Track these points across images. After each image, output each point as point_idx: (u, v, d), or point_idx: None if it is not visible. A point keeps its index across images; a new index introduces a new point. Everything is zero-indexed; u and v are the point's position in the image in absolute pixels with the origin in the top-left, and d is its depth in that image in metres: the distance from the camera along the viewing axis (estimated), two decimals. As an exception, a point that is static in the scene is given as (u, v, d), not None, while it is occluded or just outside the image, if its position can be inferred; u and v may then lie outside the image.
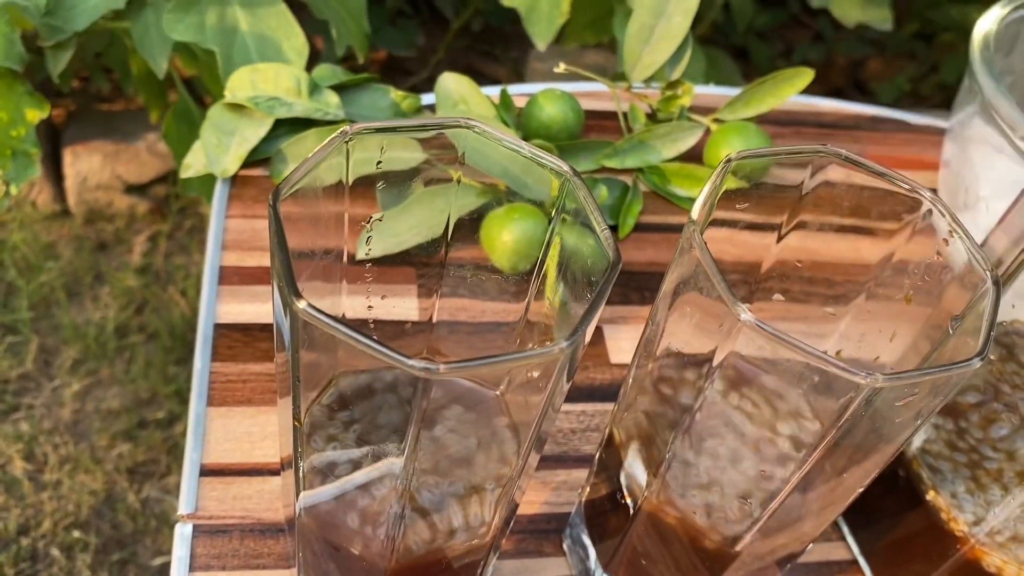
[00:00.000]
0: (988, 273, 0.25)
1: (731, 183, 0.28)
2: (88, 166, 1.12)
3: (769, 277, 0.31)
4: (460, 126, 0.26)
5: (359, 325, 0.31)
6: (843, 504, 0.29)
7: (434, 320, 0.32)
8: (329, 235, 0.27)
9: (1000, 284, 0.25)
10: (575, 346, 0.21)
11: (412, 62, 1.36)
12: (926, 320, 0.28)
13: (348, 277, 0.29)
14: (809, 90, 0.54)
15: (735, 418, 0.30)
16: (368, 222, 0.27)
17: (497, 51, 1.43)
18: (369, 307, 0.30)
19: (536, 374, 0.23)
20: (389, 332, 0.32)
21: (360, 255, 0.29)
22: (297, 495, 0.27)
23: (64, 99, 1.18)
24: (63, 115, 1.16)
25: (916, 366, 0.29)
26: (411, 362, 0.20)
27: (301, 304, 0.20)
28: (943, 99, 1.48)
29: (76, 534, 0.85)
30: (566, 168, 0.25)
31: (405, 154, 0.28)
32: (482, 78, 1.44)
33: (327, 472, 0.26)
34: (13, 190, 0.55)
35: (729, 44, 1.43)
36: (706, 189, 0.25)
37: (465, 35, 1.42)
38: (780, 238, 0.30)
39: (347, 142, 0.24)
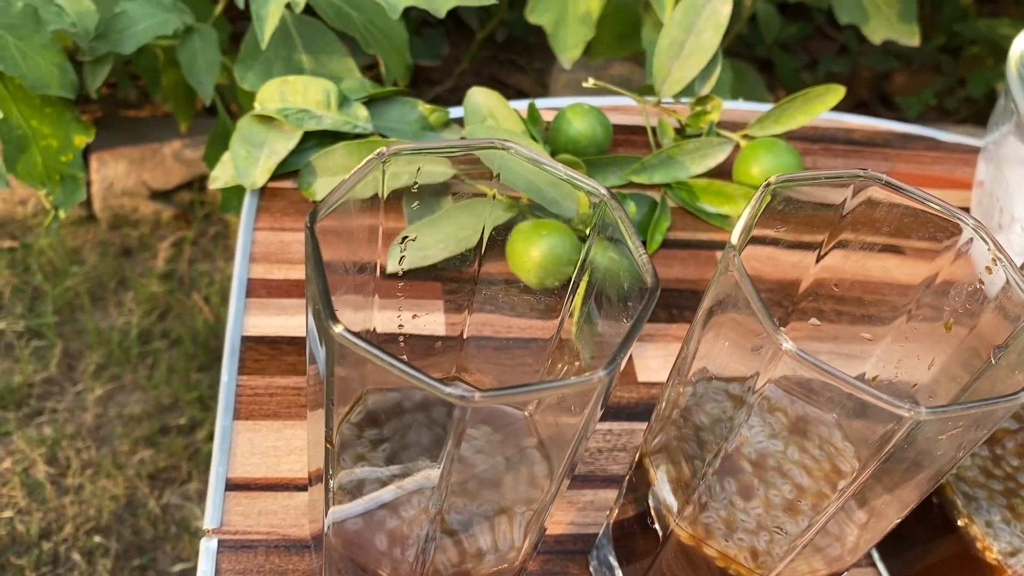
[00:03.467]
0: (1034, 302, 0.25)
1: (770, 203, 0.27)
2: (114, 172, 1.13)
3: (806, 297, 0.30)
4: (495, 147, 0.25)
5: (390, 340, 0.30)
6: (879, 534, 0.29)
7: (464, 336, 0.32)
8: (363, 249, 0.27)
9: (1046, 314, 0.25)
10: (612, 375, 0.21)
11: (436, 72, 1.36)
12: (967, 348, 0.28)
13: (380, 292, 0.29)
14: (834, 105, 0.53)
15: (769, 446, 0.29)
16: (403, 241, 0.27)
17: (521, 61, 1.44)
18: (400, 324, 0.30)
19: (571, 399, 0.23)
20: (420, 348, 0.31)
21: (392, 270, 0.29)
22: (326, 512, 0.27)
23: (91, 105, 1.19)
24: (89, 121, 1.16)
25: (955, 395, 0.29)
26: (448, 389, 0.20)
27: (338, 329, 0.20)
28: (969, 113, 1.46)
29: (97, 539, 0.85)
30: (603, 191, 0.24)
31: (435, 169, 0.28)
32: (506, 88, 1.44)
33: (356, 491, 0.26)
34: (62, 214, 0.56)
35: (754, 56, 1.43)
36: (746, 214, 0.25)
37: (489, 45, 1.42)
38: (819, 258, 0.29)
39: (384, 163, 0.24)
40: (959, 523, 0.35)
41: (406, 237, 0.27)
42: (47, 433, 0.93)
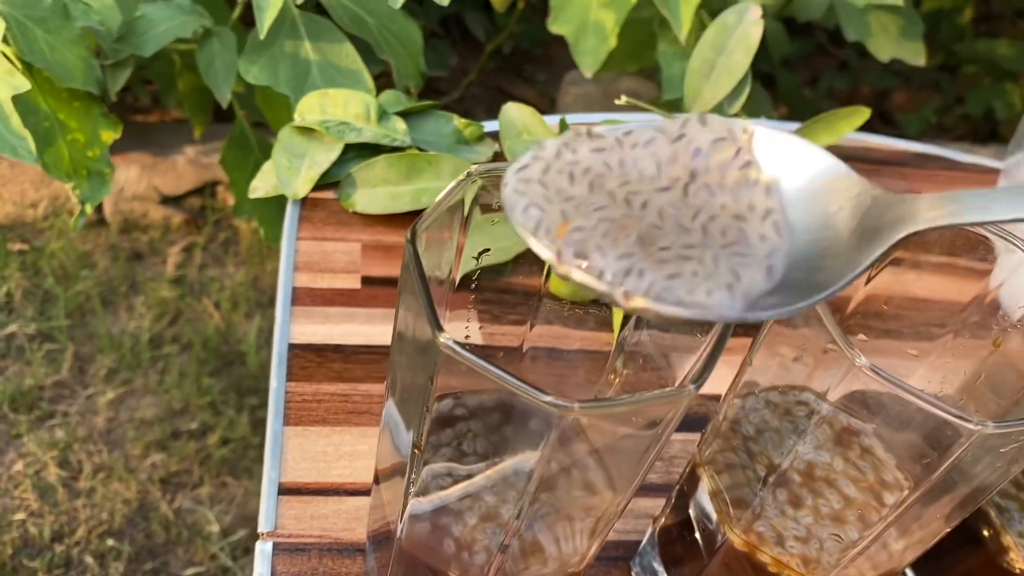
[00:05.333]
0: (1084, 323, 0.26)
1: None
2: (125, 176, 1.13)
3: (855, 314, 0.32)
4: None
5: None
6: (928, 544, 0.30)
7: (524, 348, 0.33)
8: (441, 263, 0.28)
9: (1096, 334, 0.26)
10: (699, 389, 0.22)
11: (444, 82, 1.37)
12: (1010, 365, 0.29)
13: (452, 304, 0.30)
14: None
15: (816, 457, 0.30)
16: (479, 256, 0.28)
17: (527, 74, 1.45)
18: (467, 335, 0.31)
19: (651, 412, 0.24)
20: (481, 357, 0.32)
21: (463, 281, 0.30)
22: (404, 508, 0.27)
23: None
24: (116, 118, 1.17)
25: (995, 411, 0.30)
26: (547, 399, 0.21)
27: (443, 338, 0.21)
28: (967, 131, 1.49)
29: (110, 542, 0.86)
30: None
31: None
32: (512, 100, 1.46)
33: (437, 498, 0.27)
34: (89, 209, 0.57)
35: (757, 71, 1.45)
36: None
37: (496, 57, 1.44)
38: (870, 278, 0.30)
39: (473, 183, 0.25)
40: (989, 534, 0.37)
41: (484, 251, 0.28)
42: (59, 436, 0.93)
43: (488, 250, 0.28)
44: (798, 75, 1.53)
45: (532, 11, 1.35)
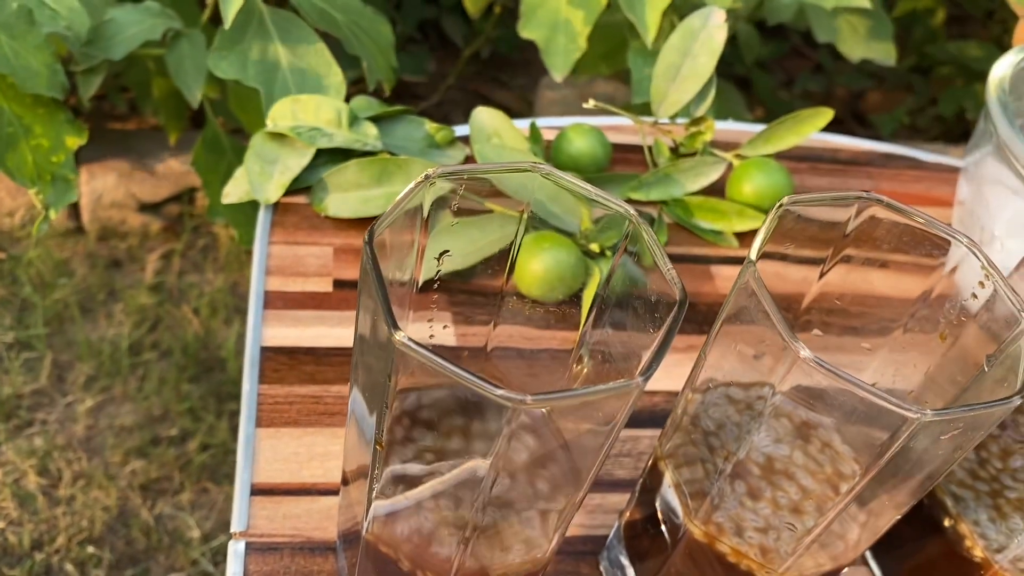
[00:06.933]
0: (1022, 315, 0.27)
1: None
2: (103, 184, 1.13)
3: (809, 310, 0.33)
4: (528, 170, 0.27)
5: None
6: (880, 531, 0.31)
7: (489, 348, 0.33)
8: (402, 265, 0.28)
9: (1034, 325, 0.27)
10: (648, 381, 0.23)
11: (422, 87, 1.38)
12: (961, 357, 0.30)
13: (414, 305, 0.30)
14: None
15: (775, 450, 0.31)
16: (440, 256, 0.28)
17: (505, 78, 1.46)
18: (431, 335, 0.32)
19: (602, 404, 0.25)
20: (447, 357, 0.33)
21: (425, 282, 0.30)
22: (368, 508, 0.28)
23: (79, 118, 1.19)
24: (82, 123, 1.17)
25: (949, 401, 0.31)
26: (499, 392, 0.21)
27: (399, 336, 0.22)
28: (940, 132, 1.51)
29: (90, 549, 0.86)
30: (633, 212, 0.26)
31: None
32: (490, 104, 1.46)
33: (399, 493, 0.27)
34: (52, 214, 0.57)
35: (732, 74, 1.46)
36: (762, 231, 0.27)
37: (474, 62, 1.44)
38: (822, 274, 0.31)
39: (431, 185, 0.25)
40: (948, 522, 0.38)
41: (444, 252, 0.28)
42: (38, 444, 0.93)
43: (449, 251, 0.29)
44: (774, 77, 1.54)
45: (509, 16, 1.36)
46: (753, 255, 0.26)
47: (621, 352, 0.30)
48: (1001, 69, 0.49)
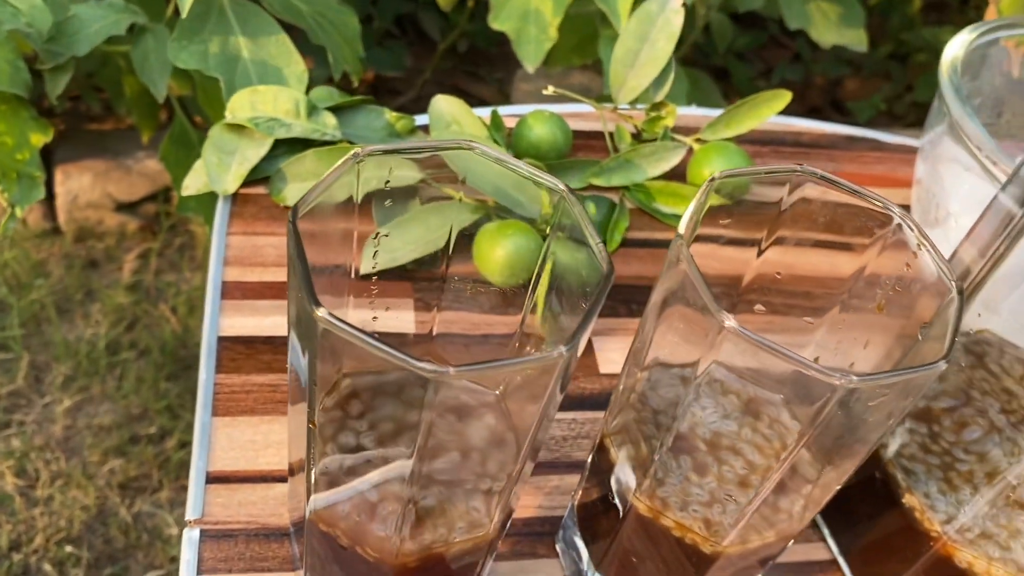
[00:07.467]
0: (953, 283, 0.27)
1: (715, 200, 0.30)
2: (78, 185, 1.13)
3: (750, 290, 0.33)
4: (462, 147, 0.27)
5: (363, 336, 0.32)
6: (822, 502, 0.31)
7: (434, 333, 0.34)
8: (338, 251, 0.29)
9: (964, 293, 0.27)
10: (572, 351, 0.23)
11: (400, 82, 1.38)
12: (898, 328, 0.30)
13: (354, 292, 0.30)
14: (788, 110, 0.56)
15: (723, 426, 0.31)
16: (375, 236, 0.28)
17: (483, 72, 1.46)
18: (374, 318, 0.32)
19: (535, 378, 0.25)
20: (392, 344, 0.33)
21: (365, 270, 0.30)
22: (308, 497, 0.28)
23: (55, 119, 1.19)
24: (54, 135, 1.17)
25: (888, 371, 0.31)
26: (421, 364, 0.22)
27: (321, 312, 0.22)
28: (918, 118, 1.51)
29: (68, 549, 0.86)
30: (562, 186, 0.27)
31: (404, 173, 0.29)
32: (469, 98, 1.46)
33: (337, 473, 0.28)
34: (19, 212, 0.57)
35: (710, 65, 1.47)
36: (692, 206, 0.27)
37: (452, 56, 1.44)
38: (760, 252, 0.32)
39: (359, 163, 0.25)
40: (899, 497, 0.38)
41: (379, 234, 0.28)
42: (15, 445, 0.93)
43: (387, 233, 0.29)
44: (752, 67, 1.55)
45: (484, 9, 1.36)
46: (682, 229, 0.27)
47: (561, 333, 0.30)
48: (953, 50, 0.49)
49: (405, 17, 1.44)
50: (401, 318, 0.33)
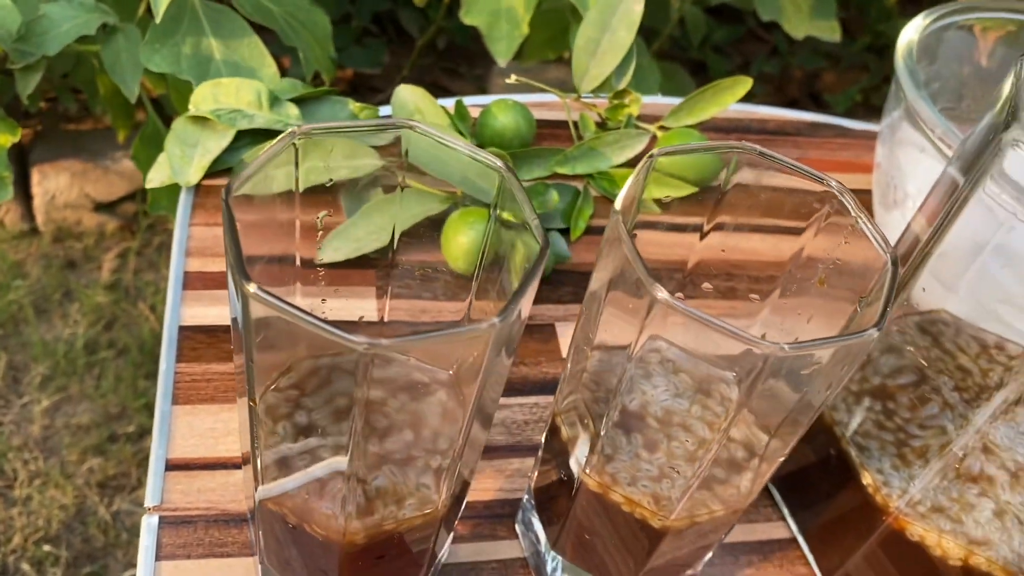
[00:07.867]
0: (888, 253, 0.28)
1: (654, 191, 0.30)
2: (56, 185, 1.13)
3: (695, 273, 0.33)
4: (403, 127, 0.28)
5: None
6: (767, 474, 0.31)
7: (385, 319, 0.34)
8: (282, 241, 0.29)
9: (898, 264, 0.28)
10: (507, 323, 0.23)
11: (379, 79, 1.38)
12: (840, 302, 0.31)
13: (302, 280, 0.31)
14: (766, 101, 0.57)
15: (674, 404, 0.32)
16: (320, 217, 0.29)
17: (461, 68, 1.46)
18: (323, 301, 0.32)
19: (481, 355, 0.25)
20: (342, 330, 0.33)
21: (319, 260, 0.31)
22: (256, 481, 0.28)
23: (31, 119, 1.19)
24: (30, 135, 1.16)
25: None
26: (354, 338, 0.22)
27: (251, 287, 0.22)
28: (896, 109, 1.52)
29: (47, 548, 0.85)
30: (499, 164, 0.27)
31: (362, 161, 0.30)
32: (447, 94, 1.47)
33: (284, 454, 0.28)
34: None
35: (688, 59, 1.47)
36: (630, 181, 0.28)
37: (430, 53, 1.44)
38: (703, 236, 0.32)
39: (295, 142, 0.26)
40: (854, 473, 0.38)
41: (323, 215, 0.29)
42: (-7, 446, 0.93)
43: (329, 213, 0.29)
44: (731, 60, 1.55)
45: (459, 5, 1.36)
46: (618, 205, 0.27)
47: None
48: (908, 34, 0.50)
49: (384, 14, 1.44)
50: (352, 304, 0.34)
